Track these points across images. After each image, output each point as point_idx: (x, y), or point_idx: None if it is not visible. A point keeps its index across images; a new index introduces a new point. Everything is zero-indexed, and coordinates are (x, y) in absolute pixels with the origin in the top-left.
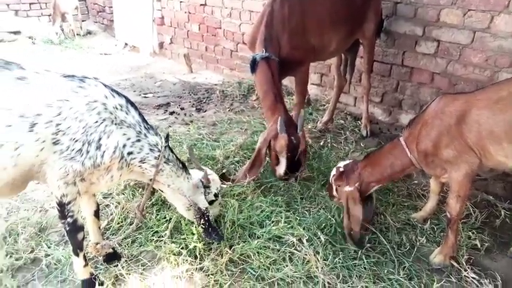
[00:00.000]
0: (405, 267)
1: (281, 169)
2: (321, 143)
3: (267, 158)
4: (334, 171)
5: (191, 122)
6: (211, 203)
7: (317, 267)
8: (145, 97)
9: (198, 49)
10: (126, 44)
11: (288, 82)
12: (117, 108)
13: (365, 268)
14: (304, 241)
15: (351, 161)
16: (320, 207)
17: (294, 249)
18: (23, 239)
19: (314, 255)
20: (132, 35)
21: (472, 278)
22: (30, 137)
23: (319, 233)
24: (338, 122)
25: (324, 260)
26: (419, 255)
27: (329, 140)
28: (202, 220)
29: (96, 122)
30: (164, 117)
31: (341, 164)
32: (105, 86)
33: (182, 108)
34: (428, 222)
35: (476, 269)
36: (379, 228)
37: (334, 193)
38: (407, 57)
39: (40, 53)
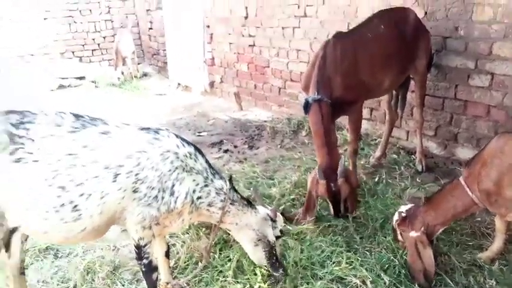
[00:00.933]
0: None
1: (330, 210)
2: (376, 179)
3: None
4: (396, 216)
5: (245, 159)
6: (276, 238)
7: None
8: (199, 135)
9: (247, 87)
10: (179, 84)
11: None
12: (187, 157)
13: None
14: (368, 283)
15: (412, 205)
16: (381, 247)
17: None
18: (100, 277)
19: None
20: (185, 75)
21: None
22: (113, 187)
23: (382, 275)
24: (391, 156)
25: None
26: None
27: (384, 176)
28: (270, 254)
29: (170, 170)
30: (219, 155)
31: (403, 208)
32: (176, 136)
33: (235, 146)
34: (497, 263)
35: None
36: (444, 269)
37: (399, 237)
38: (460, 90)
39: (103, 96)
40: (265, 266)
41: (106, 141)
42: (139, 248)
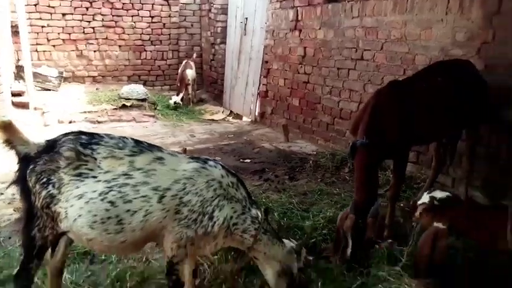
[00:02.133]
0: None
1: (348, 250)
2: (413, 224)
3: None
4: (426, 198)
5: (283, 190)
6: (299, 270)
7: None
8: (243, 162)
9: (296, 120)
10: (231, 111)
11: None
12: (229, 186)
13: None
14: None
15: (449, 194)
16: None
17: None
18: (128, 286)
19: None
20: (238, 104)
21: None
22: (158, 207)
23: None
24: None
25: None
26: None
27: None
28: (290, 286)
29: (212, 197)
30: (259, 183)
31: (437, 194)
32: (223, 167)
33: (276, 176)
34: None
35: None
36: None
37: (417, 214)
38: None
39: (159, 116)
40: None
41: (159, 166)
42: (171, 265)
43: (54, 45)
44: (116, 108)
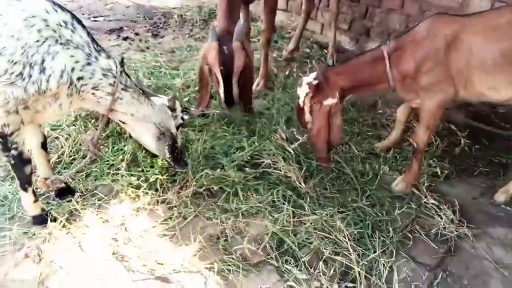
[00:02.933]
0: (368, 195)
1: (221, 90)
2: (286, 73)
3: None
4: (305, 88)
5: (147, 48)
6: (178, 127)
7: (283, 195)
8: (95, 21)
9: None
10: None
11: (253, 8)
12: (61, 26)
13: (329, 197)
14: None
15: (316, 71)
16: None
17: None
18: None
19: (279, 183)
20: None
21: (432, 203)
22: None
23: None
24: (304, 50)
25: (289, 189)
26: (382, 184)
27: (294, 70)
28: (172, 148)
29: (38, 41)
30: (117, 43)
31: (309, 78)
32: None
33: (137, 34)
34: (391, 151)
35: (436, 196)
36: (344, 157)
37: (308, 116)
38: None
39: None
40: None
41: None
42: (4, 137)
43: None
44: None
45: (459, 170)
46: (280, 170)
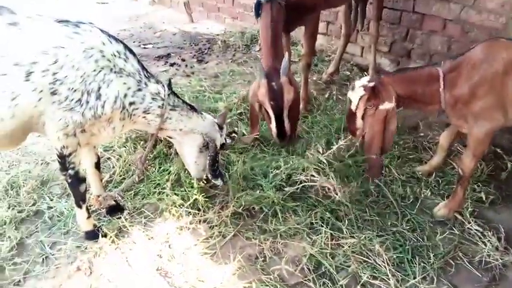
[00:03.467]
0: (408, 219)
1: (272, 125)
2: (326, 95)
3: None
4: (359, 91)
5: (192, 73)
6: (221, 146)
7: (321, 217)
8: (145, 48)
9: None
10: None
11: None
12: (115, 56)
13: (368, 220)
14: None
15: (371, 77)
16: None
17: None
18: (24, 191)
19: (318, 205)
20: None
21: (476, 230)
22: (26, 87)
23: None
24: (344, 73)
25: (328, 211)
26: (423, 208)
27: (334, 92)
28: (213, 160)
29: (94, 70)
30: (165, 68)
31: (363, 81)
32: (102, 31)
33: (183, 60)
34: (433, 175)
35: (480, 222)
36: (384, 180)
37: (359, 122)
38: (419, 2)
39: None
40: (204, 179)
41: (15, 33)
42: (62, 158)
43: None
44: None
45: (505, 195)
46: (315, 182)
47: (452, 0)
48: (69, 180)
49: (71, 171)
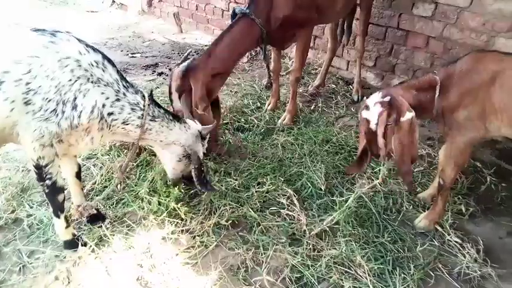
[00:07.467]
0: (389, 231)
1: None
2: (312, 108)
3: None
4: (377, 109)
5: None
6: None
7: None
8: (132, 57)
9: (189, 8)
10: (113, 1)
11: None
12: (92, 65)
13: (350, 232)
14: (294, 199)
15: (381, 91)
16: (306, 168)
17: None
18: (4, 198)
19: (299, 214)
20: None
21: (455, 242)
22: None
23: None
24: (330, 86)
25: (310, 222)
26: (404, 220)
27: (320, 105)
28: (199, 170)
29: (70, 80)
30: (152, 78)
31: (376, 97)
32: (79, 40)
33: (171, 69)
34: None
35: (460, 233)
36: (367, 194)
37: (381, 141)
38: (404, 19)
39: (24, 8)
40: (181, 185)
41: None
42: (39, 168)
43: None
44: None
45: (485, 208)
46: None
47: (435, 18)
48: (47, 191)
49: (48, 182)
